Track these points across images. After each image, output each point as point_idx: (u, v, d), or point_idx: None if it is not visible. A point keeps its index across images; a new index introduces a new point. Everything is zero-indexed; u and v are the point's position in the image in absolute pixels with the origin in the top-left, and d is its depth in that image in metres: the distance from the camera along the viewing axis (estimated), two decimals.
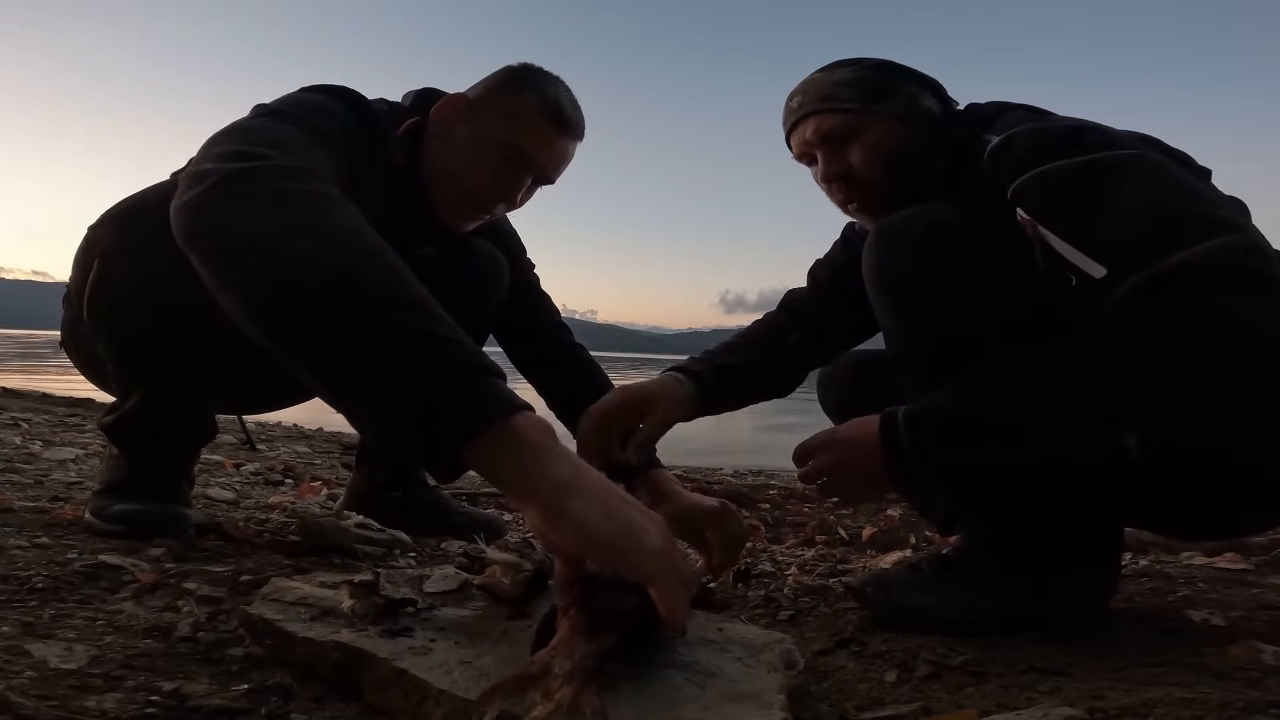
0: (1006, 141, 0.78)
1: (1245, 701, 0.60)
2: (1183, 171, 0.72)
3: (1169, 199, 0.67)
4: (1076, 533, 0.86)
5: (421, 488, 1.41)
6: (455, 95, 1.10)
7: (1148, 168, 0.70)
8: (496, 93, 1.08)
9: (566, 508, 0.56)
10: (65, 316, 1.17)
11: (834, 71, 0.97)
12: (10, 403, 3.50)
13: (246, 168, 0.70)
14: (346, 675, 0.59)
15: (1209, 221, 0.65)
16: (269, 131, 0.80)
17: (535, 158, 1.08)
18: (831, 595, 1.02)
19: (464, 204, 1.11)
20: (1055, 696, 0.65)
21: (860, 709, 0.66)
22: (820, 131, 0.96)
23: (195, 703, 0.55)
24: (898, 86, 0.94)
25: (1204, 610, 0.91)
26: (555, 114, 1.06)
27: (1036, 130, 0.77)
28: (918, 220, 0.82)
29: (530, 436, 0.58)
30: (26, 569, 0.82)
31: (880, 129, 0.94)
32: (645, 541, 0.56)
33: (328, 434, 3.79)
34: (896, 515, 1.87)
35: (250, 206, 0.67)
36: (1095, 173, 0.70)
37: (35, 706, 0.51)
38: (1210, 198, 0.71)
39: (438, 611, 0.69)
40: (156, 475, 1.09)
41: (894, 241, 0.83)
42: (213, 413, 1.14)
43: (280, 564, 0.97)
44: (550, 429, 0.60)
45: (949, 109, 0.97)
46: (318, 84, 0.99)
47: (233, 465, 2.12)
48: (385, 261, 0.64)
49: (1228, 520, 0.86)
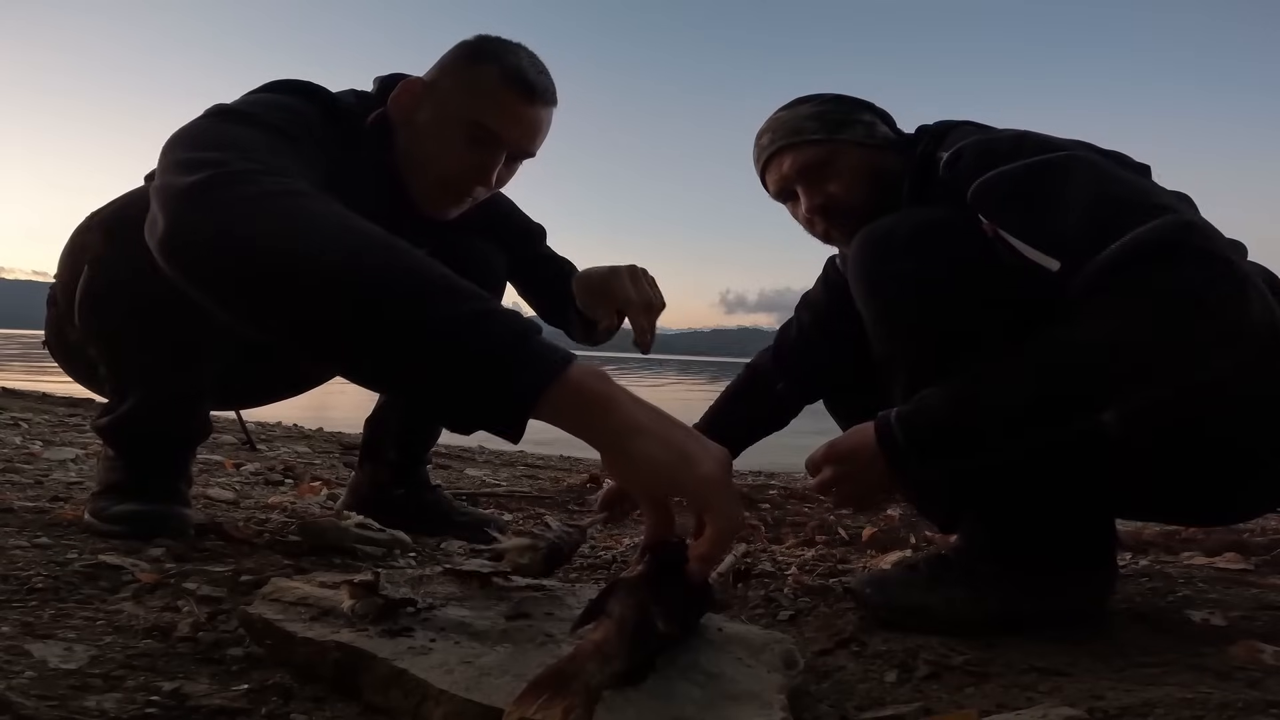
0: (956, 154, 0.83)
1: (1245, 701, 0.60)
2: (1117, 168, 0.76)
3: (1109, 189, 0.72)
4: (1073, 530, 0.87)
5: (424, 487, 1.41)
6: (411, 80, 1.04)
7: (1084, 165, 0.75)
8: (454, 70, 1.02)
9: (629, 447, 0.60)
10: (49, 317, 1.16)
11: (797, 108, 1.03)
12: (10, 403, 3.50)
13: (203, 179, 0.66)
14: (346, 675, 0.59)
15: (1148, 206, 0.69)
16: (220, 136, 0.76)
17: (505, 133, 1.01)
18: (831, 595, 1.02)
19: (440, 193, 1.05)
20: (1055, 696, 0.65)
21: (860, 709, 0.66)
22: (797, 165, 1.01)
23: (195, 703, 0.55)
24: (855, 116, 1.01)
25: (1204, 610, 0.91)
26: (519, 83, 0.99)
27: (981, 140, 0.82)
28: (903, 223, 0.84)
29: (588, 384, 0.61)
30: (26, 569, 0.82)
31: (851, 156, 1.00)
32: (698, 468, 0.59)
33: (328, 434, 3.79)
34: (896, 515, 1.87)
35: (226, 221, 0.64)
36: (1038, 174, 0.75)
37: (35, 706, 0.51)
38: (1148, 187, 0.74)
39: (438, 611, 0.69)
40: (155, 476, 1.09)
41: (881, 244, 0.85)
42: (208, 412, 1.14)
43: (280, 564, 0.97)
44: (604, 374, 0.62)
45: (900, 134, 1.03)
46: (278, 80, 0.94)
47: (233, 465, 2.12)
48: (386, 244, 0.64)
49: (1225, 501, 0.87)
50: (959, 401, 0.75)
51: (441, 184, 1.05)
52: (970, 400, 0.74)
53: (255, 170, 0.68)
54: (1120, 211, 0.70)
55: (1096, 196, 0.72)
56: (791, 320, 1.29)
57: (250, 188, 0.66)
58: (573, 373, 0.61)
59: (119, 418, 1.06)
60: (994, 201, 0.78)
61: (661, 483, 0.62)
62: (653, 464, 0.60)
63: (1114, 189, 0.72)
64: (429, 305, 0.60)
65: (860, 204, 0.99)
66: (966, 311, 0.80)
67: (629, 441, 0.60)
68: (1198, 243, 0.66)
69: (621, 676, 0.53)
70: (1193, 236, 0.66)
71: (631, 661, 0.53)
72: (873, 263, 0.86)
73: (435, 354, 0.60)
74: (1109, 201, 0.71)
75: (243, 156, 0.70)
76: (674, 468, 0.60)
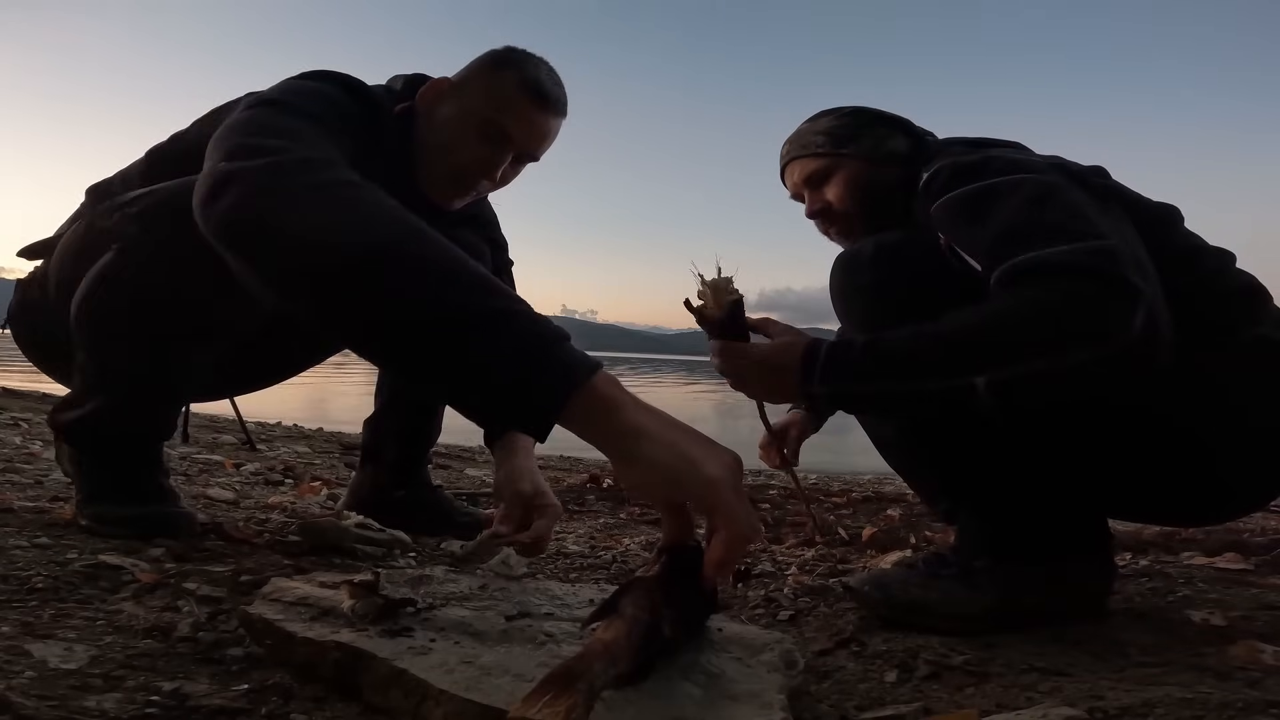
0: (932, 176, 0.93)
1: (1245, 701, 0.60)
2: (1071, 190, 0.84)
3: (1038, 214, 0.81)
4: (1062, 520, 0.90)
5: (425, 487, 1.41)
6: (440, 79, 1.11)
7: (1030, 188, 0.83)
8: (478, 73, 1.10)
9: (636, 451, 0.61)
10: (27, 300, 1.17)
11: (816, 121, 1.14)
12: (10, 403, 3.49)
13: (270, 163, 0.71)
14: (346, 675, 0.59)
15: (1070, 231, 0.78)
16: (276, 124, 0.80)
17: (515, 133, 1.08)
18: (831, 595, 1.02)
19: (449, 183, 1.11)
20: (1055, 696, 0.65)
21: (860, 709, 0.66)
22: (803, 175, 1.14)
23: (195, 703, 0.55)
24: (865, 131, 1.10)
25: (1204, 610, 0.91)
26: (534, 90, 1.07)
27: (952, 164, 0.91)
28: (868, 245, 0.96)
29: (605, 391, 0.63)
30: (26, 569, 0.82)
31: (850, 170, 1.09)
32: (703, 471, 0.60)
33: (328, 434, 3.79)
34: (896, 515, 1.87)
35: (286, 203, 0.69)
36: (987, 195, 0.85)
37: (35, 706, 0.51)
38: (1083, 213, 0.81)
39: (438, 611, 0.69)
40: (146, 476, 1.08)
41: (850, 262, 0.97)
42: (178, 411, 1.17)
43: (280, 564, 0.97)
44: (617, 381, 0.64)
45: (921, 142, 1.10)
46: (316, 70, 0.99)
47: (233, 465, 2.12)
48: (435, 241, 0.67)
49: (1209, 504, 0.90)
50: (871, 347, 0.83)
51: (452, 174, 1.11)
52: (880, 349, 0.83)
53: (318, 160, 0.73)
54: (1040, 232, 0.78)
55: (1026, 215, 0.81)
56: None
57: (314, 175, 0.71)
58: (598, 379, 0.63)
59: (90, 415, 1.05)
60: (946, 216, 0.89)
61: (667, 487, 0.62)
62: (656, 468, 0.60)
63: (1046, 214, 0.81)
64: (473, 295, 0.64)
65: (850, 213, 1.10)
66: (921, 314, 0.84)
67: (634, 445, 0.61)
68: (1099, 264, 0.74)
69: (624, 677, 0.53)
70: (1094, 258, 0.74)
71: (635, 663, 0.53)
72: (842, 278, 0.98)
73: (473, 348, 0.62)
74: (1032, 225, 0.80)
75: (303, 145, 0.76)
76: (678, 471, 0.60)
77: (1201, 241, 0.93)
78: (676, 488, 0.62)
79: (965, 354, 0.78)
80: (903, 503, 2.12)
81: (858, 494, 2.36)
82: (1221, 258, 0.92)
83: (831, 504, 2.15)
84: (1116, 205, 0.88)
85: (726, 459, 0.62)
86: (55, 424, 1.10)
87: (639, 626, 0.55)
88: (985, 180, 0.87)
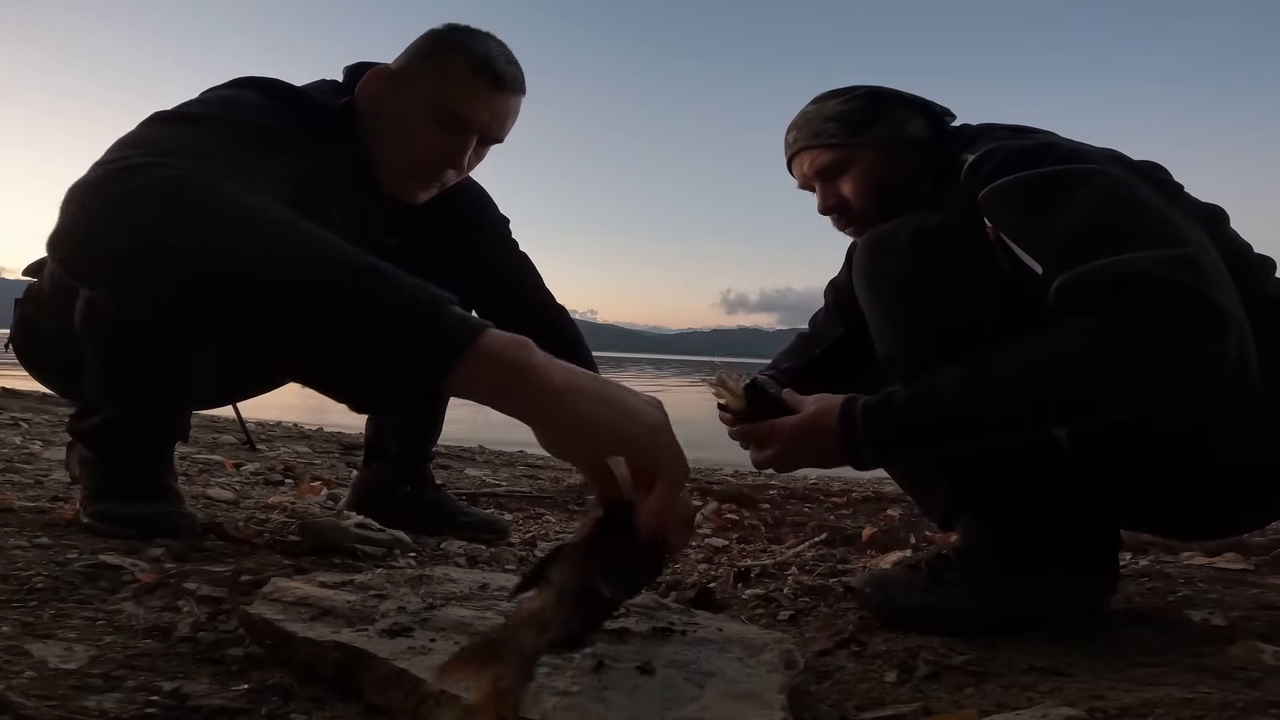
0: (981, 158, 0.83)
1: (1245, 701, 0.60)
2: (1140, 187, 0.76)
3: (1111, 212, 0.72)
4: (1073, 531, 0.87)
5: (427, 485, 1.41)
6: (379, 69, 1.04)
7: (1101, 182, 0.75)
8: (423, 58, 1.03)
9: (564, 409, 0.57)
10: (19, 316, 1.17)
11: (824, 104, 1.03)
12: (10, 403, 3.49)
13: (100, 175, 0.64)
14: (346, 675, 0.59)
15: (1145, 235, 0.70)
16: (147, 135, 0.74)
17: (474, 119, 1.03)
18: (831, 595, 1.02)
19: (411, 177, 1.06)
20: (1055, 696, 0.65)
21: (860, 709, 0.66)
22: (814, 167, 1.04)
23: (195, 703, 0.55)
24: (882, 115, 1.00)
25: (1204, 610, 0.91)
26: (488, 70, 1.01)
27: (1007, 148, 0.82)
28: (905, 227, 0.86)
29: (507, 354, 0.57)
30: (26, 569, 0.82)
31: (867, 161, 1.00)
32: (643, 420, 0.58)
33: (328, 434, 3.78)
34: (896, 515, 1.87)
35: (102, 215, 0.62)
36: (1050, 185, 0.76)
37: (35, 706, 0.51)
38: (1159, 214, 0.74)
39: (438, 611, 0.69)
40: (150, 477, 1.09)
41: (882, 247, 0.87)
42: (189, 413, 1.15)
43: (280, 564, 0.97)
44: (524, 341, 0.58)
45: (941, 126, 1.02)
46: (238, 77, 0.93)
47: (233, 465, 2.12)
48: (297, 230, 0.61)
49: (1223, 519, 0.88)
50: (919, 403, 0.77)
51: (412, 169, 1.05)
52: (929, 405, 0.77)
53: (153, 163, 0.64)
54: (1114, 234, 0.70)
55: (1096, 216, 0.72)
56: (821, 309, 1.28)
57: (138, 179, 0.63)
58: (489, 339, 0.57)
59: (107, 421, 1.05)
60: (999, 204, 0.79)
61: (609, 442, 0.58)
62: (594, 423, 0.57)
63: (1116, 213, 0.72)
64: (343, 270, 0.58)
65: (868, 208, 1.01)
66: (960, 313, 0.81)
67: (564, 403, 0.57)
68: (1180, 278, 0.67)
69: (560, 643, 0.52)
70: (1177, 272, 0.67)
71: (570, 628, 0.53)
72: (872, 264, 0.88)
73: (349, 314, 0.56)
74: (1105, 223, 0.71)
75: (146, 152, 0.67)
76: (617, 424, 0.57)
77: (1248, 245, 0.87)
78: (618, 441, 0.57)
79: (1031, 406, 0.71)
80: (903, 503, 2.12)
81: (858, 494, 2.36)
82: (1264, 265, 0.86)
83: (832, 504, 2.15)
84: (1182, 205, 0.81)
85: (655, 402, 0.60)
86: (74, 431, 1.11)
87: (569, 591, 0.54)
88: (1045, 168, 0.78)
